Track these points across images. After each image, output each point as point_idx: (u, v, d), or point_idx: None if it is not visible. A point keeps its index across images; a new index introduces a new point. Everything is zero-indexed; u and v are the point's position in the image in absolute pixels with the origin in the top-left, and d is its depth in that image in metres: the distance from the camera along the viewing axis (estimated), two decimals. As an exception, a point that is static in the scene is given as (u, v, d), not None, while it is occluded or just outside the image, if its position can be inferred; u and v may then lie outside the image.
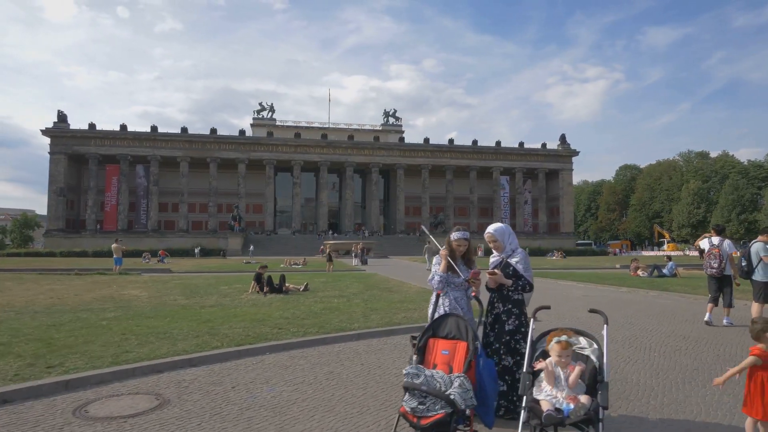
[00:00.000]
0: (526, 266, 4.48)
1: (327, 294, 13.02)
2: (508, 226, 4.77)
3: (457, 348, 3.61)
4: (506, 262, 4.53)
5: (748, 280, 9.05)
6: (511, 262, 4.49)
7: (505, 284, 4.43)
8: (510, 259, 4.51)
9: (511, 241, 4.59)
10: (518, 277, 4.45)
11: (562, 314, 10.50)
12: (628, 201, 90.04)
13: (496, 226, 4.63)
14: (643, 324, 9.38)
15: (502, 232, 4.60)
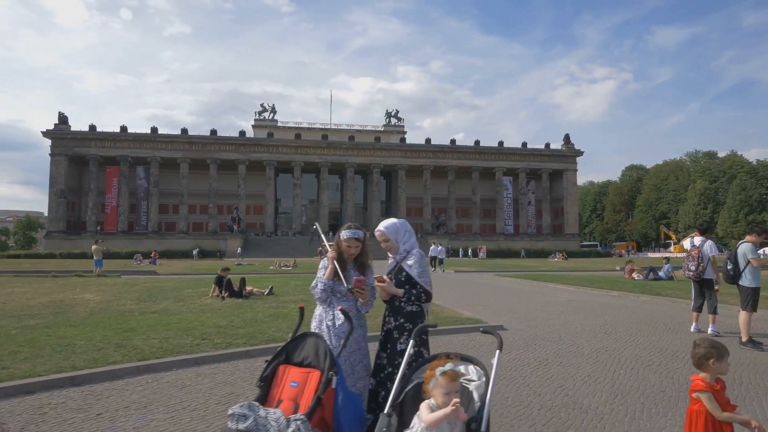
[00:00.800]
0: (422, 270, 3.64)
1: (290, 298, 12.23)
2: (405, 222, 3.90)
3: (310, 379, 2.79)
4: (399, 266, 3.70)
5: (735, 285, 8.14)
6: (404, 267, 3.66)
7: (396, 294, 3.60)
8: (404, 262, 3.68)
9: (405, 240, 3.75)
10: (413, 284, 3.61)
11: (535, 321, 9.63)
12: (634, 202, 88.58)
13: (388, 222, 3.80)
14: (619, 333, 8.50)
15: (395, 230, 3.75)
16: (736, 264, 8.04)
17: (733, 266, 8.05)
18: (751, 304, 7.87)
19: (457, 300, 13.34)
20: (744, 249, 8.01)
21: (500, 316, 10.31)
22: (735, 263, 8.04)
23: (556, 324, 9.35)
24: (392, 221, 3.81)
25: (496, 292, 16.04)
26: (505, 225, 76.93)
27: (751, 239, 8.07)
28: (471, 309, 11.21)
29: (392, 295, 3.61)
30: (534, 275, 23.51)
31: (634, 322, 9.72)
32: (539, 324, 9.35)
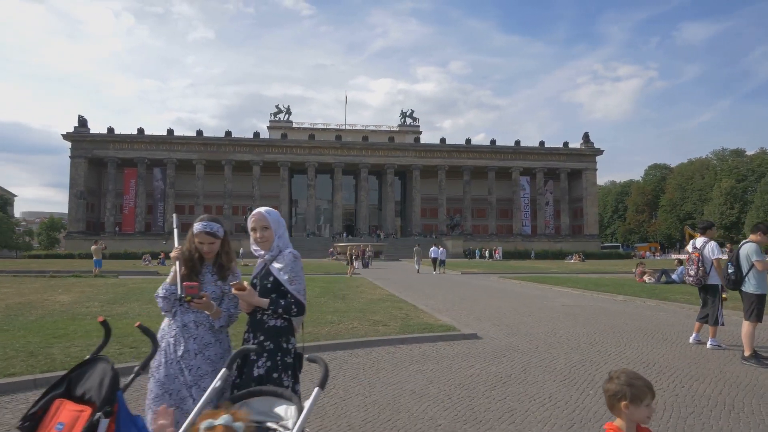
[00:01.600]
0: (294, 276, 2.89)
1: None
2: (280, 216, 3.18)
3: (79, 420, 2.09)
4: (267, 268, 2.97)
5: (738, 291, 7.19)
6: (272, 270, 2.92)
7: (259, 305, 2.86)
8: (273, 264, 2.94)
9: (281, 234, 3.03)
10: (281, 293, 2.87)
11: (517, 328, 8.79)
12: (657, 202, 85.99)
13: (270, 208, 3.06)
14: (606, 344, 7.62)
15: (278, 219, 3.03)
16: (738, 267, 7.09)
17: (735, 270, 7.10)
18: (755, 314, 6.91)
19: (444, 304, 12.56)
20: (747, 250, 7.06)
21: (481, 322, 9.51)
22: (737, 266, 7.10)
23: (539, 332, 8.51)
24: (275, 210, 3.08)
25: (492, 296, 15.17)
26: (522, 226, 75.43)
27: (756, 238, 7.11)
28: (453, 314, 10.42)
29: (256, 307, 2.87)
30: (541, 278, 22.50)
31: (627, 331, 8.81)
32: (520, 332, 8.52)
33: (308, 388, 2.29)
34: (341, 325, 8.16)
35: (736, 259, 7.13)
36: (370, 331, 7.74)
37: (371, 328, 7.93)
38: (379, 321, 8.62)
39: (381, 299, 12.46)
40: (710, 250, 7.62)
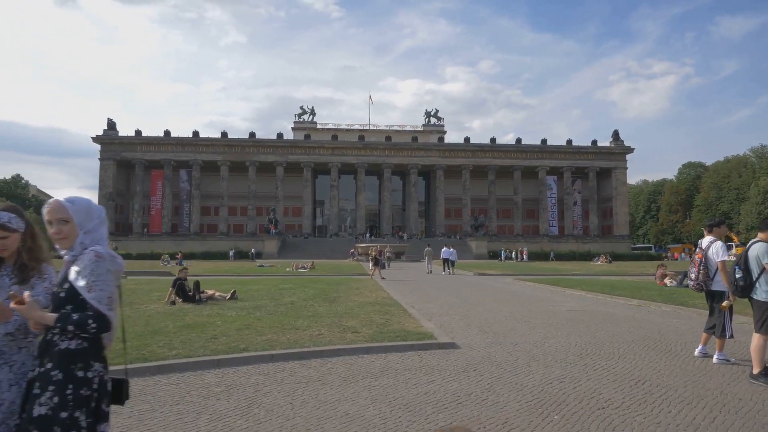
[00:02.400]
0: (96, 279, 2.24)
1: (251, 304, 11.13)
2: (102, 208, 2.57)
3: None
4: (66, 273, 2.38)
5: (747, 299, 6.31)
6: (69, 275, 2.33)
7: (45, 322, 2.26)
8: (72, 267, 2.33)
9: (91, 229, 2.38)
10: (78, 303, 2.26)
11: (504, 336, 8.05)
12: (692, 201, 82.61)
13: (77, 197, 2.43)
14: (598, 356, 6.83)
15: (85, 209, 2.38)
16: (747, 271, 6.21)
17: (744, 274, 6.22)
18: (766, 325, 6.03)
19: (439, 308, 11.87)
20: (757, 251, 6.16)
21: (469, 329, 8.80)
22: (746, 270, 6.22)
23: (528, 341, 7.76)
24: (85, 198, 2.46)
25: (496, 299, 14.38)
26: (549, 226, 73.61)
27: (766, 237, 6.22)
28: (442, 320, 9.75)
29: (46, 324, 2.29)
30: (557, 280, 21.49)
31: (628, 341, 7.97)
32: (506, 341, 7.79)
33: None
34: (307, 331, 7.60)
35: (745, 261, 6.25)
36: (336, 338, 7.15)
37: (338, 336, 7.34)
38: (351, 327, 8.02)
39: (372, 303, 11.85)
40: (715, 252, 6.74)
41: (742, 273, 6.23)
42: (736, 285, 6.27)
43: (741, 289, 6.27)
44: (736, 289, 6.31)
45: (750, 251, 6.27)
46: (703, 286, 6.76)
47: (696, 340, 7.96)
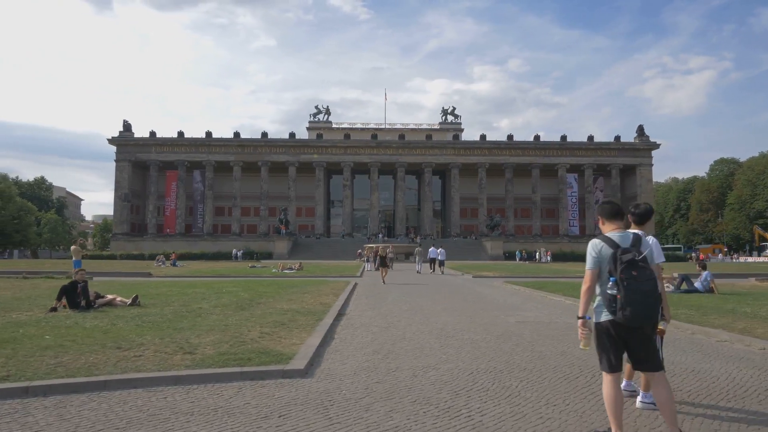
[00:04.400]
0: None
1: (153, 311, 9.80)
2: None
3: None
4: None
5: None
6: None
7: None
8: None
9: None
10: None
11: (388, 360, 6.48)
12: (724, 199, 78.23)
13: None
14: (483, 393, 5.20)
15: None
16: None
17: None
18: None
19: (370, 318, 10.34)
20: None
21: (361, 349, 7.26)
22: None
23: (414, 367, 6.18)
24: None
25: (447, 307, 12.75)
26: (569, 226, 70.81)
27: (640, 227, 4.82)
28: (343, 335, 8.26)
29: None
30: (544, 283, 19.59)
31: (549, 368, 6.29)
32: (387, 366, 6.21)
33: None
34: (131, 351, 6.18)
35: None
36: (152, 362, 5.72)
37: (161, 358, 5.90)
38: (197, 345, 6.59)
39: (292, 311, 10.38)
40: (654, 249, 4.96)
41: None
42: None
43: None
44: None
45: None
46: None
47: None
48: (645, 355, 3.90)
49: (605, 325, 3.86)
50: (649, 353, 3.92)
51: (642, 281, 3.68)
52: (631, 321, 3.67)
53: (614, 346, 3.87)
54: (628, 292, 3.63)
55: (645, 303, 3.67)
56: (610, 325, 3.82)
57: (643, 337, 3.86)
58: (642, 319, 3.69)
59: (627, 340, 3.87)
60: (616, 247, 3.82)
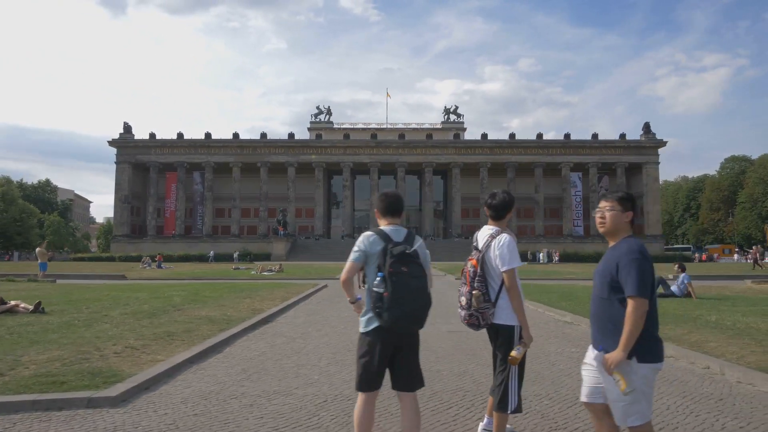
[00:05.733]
0: None
1: (53, 319, 8.94)
2: None
3: None
4: None
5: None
6: None
7: None
8: None
9: None
10: None
11: (229, 383, 5.52)
12: (735, 198, 75.98)
13: None
14: (296, 426, 4.22)
15: None
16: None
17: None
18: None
19: (297, 326, 9.39)
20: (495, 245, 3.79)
21: (229, 368, 6.30)
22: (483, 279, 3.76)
23: (273, 390, 5.21)
24: None
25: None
26: (573, 226, 69.21)
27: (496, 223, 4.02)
28: (232, 352, 7.28)
29: None
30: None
31: (431, 394, 5.28)
32: (241, 392, 5.26)
33: None
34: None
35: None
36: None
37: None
38: (27, 363, 5.69)
39: (200, 319, 9.45)
40: (499, 254, 3.91)
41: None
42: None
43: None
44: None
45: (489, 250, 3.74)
46: (479, 319, 3.80)
47: (551, 393, 5.22)
48: (408, 371, 3.39)
49: (372, 335, 3.34)
50: (412, 368, 3.43)
51: (412, 278, 3.22)
52: (398, 322, 3.19)
53: (379, 359, 3.33)
54: (397, 289, 3.16)
55: (415, 302, 3.22)
56: (378, 334, 3.31)
57: (411, 348, 3.42)
58: (411, 320, 3.24)
59: (395, 353, 3.37)
60: (388, 241, 3.35)
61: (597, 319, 3.00)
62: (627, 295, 2.78)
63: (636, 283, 2.76)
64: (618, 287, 2.85)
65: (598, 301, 2.99)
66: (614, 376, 2.77)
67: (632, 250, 2.90)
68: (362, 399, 3.39)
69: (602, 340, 2.93)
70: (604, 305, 2.94)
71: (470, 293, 3.78)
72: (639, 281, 2.76)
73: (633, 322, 2.73)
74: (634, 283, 2.76)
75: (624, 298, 2.81)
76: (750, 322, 8.98)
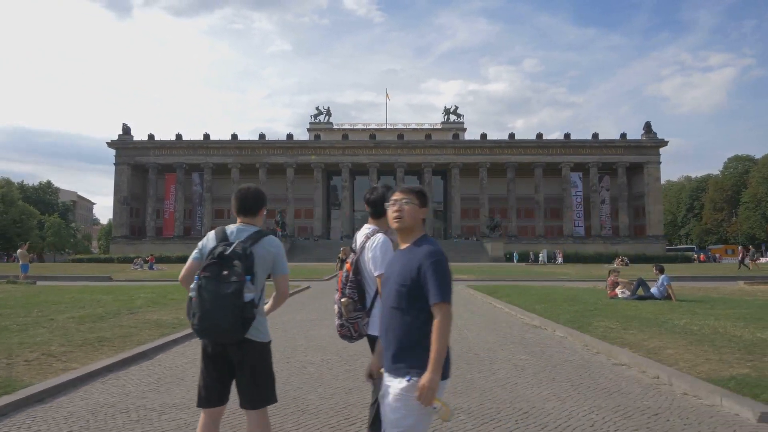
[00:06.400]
0: None
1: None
2: None
3: None
4: None
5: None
6: None
7: None
8: None
9: None
10: None
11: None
12: (738, 198, 75.03)
13: None
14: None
15: None
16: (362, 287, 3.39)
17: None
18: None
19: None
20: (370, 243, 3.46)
21: (142, 376, 5.94)
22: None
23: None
24: None
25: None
26: (574, 226, 68.51)
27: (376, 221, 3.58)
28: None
29: None
30: (497, 287, 18.04)
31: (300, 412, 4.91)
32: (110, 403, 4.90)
33: None
34: None
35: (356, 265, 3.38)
36: None
37: None
38: None
39: (149, 323, 9.13)
40: (373, 256, 3.43)
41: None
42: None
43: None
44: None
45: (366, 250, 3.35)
46: (351, 330, 3.39)
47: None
48: (244, 386, 3.07)
49: (203, 343, 3.09)
50: (249, 383, 3.05)
51: (223, 282, 2.88)
52: (201, 331, 2.93)
53: (207, 371, 3.08)
54: (201, 293, 2.88)
55: (217, 310, 2.85)
56: (201, 344, 3.10)
57: (245, 361, 3.04)
58: (211, 330, 2.90)
59: (228, 365, 3.05)
60: (224, 240, 3.09)
61: (394, 336, 2.45)
62: (434, 302, 2.34)
63: (444, 288, 2.35)
64: (420, 295, 2.38)
65: (393, 313, 2.46)
66: (435, 404, 2.28)
67: (435, 251, 2.46)
68: (201, 417, 3.10)
69: (404, 362, 2.39)
70: (403, 318, 2.42)
71: (340, 300, 3.42)
72: (446, 285, 2.37)
73: (444, 333, 2.32)
74: (441, 288, 2.34)
75: (427, 307, 2.38)
76: (718, 327, 8.54)
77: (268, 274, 3.20)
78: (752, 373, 5.53)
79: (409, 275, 2.42)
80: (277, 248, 3.24)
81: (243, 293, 2.90)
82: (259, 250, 3.08)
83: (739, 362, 6.04)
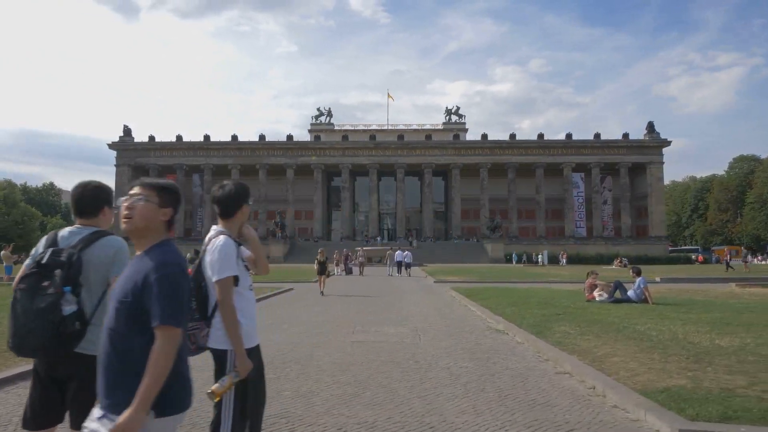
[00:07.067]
0: None
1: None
2: None
3: None
4: None
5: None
6: None
7: None
8: None
9: None
10: None
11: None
12: (743, 198, 74.07)
13: None
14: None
15: None
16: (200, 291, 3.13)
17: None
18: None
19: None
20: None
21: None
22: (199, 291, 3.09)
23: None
24: None
25: (332, 317, 11.12)
26: (575, 227, 67.91)
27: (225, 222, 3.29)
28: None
29: None
30: (480, 289, 17.66)
31: None
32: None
33: None
34: None
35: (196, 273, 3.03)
36: None
37: None
38: None
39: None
40: (210, 259, 3.12)
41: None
42: None
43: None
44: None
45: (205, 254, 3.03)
46: (200, 342, 3.08)
47: None
48: (69, 404, 2.77)
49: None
50: (72, 401, 2.76)
51: (39, 296, 2.59)
52: (15, 349, 2.67)
53: (33, 389, 2.82)
54: (15, 307, 2.63)
55: (30, 326, 2.58)
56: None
57: (69, 377, 2.76)
58: (26, 348, 2.66)
59: (58, 381, 2.78)
60: (53, 245, 2.81)
61: (108, 363, 2.05)
62: (155, 324, 1.98)
63: (171, 308, 1.99)
64: (141, 315, 2.01)
65: (112, 336, 2.06)
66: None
67: (167, 262, 2.09)
68: None
69: (112, 395, 2.01)
70: (121, 342, 2.03)
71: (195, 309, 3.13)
72: (174, 304, 2.01)
73: (163, 362, 1.94)
74: (167, 308, 1.99)
75: (150, 329, 2.00)
76: (679, 332, 8.18)
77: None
78: (688, 384, 5.18)
79: (131, 290, 2.05)
80: (118, 248, 2.92)
81: (60, 307, 2.61)
82: (94, 252, 2.79)
83: (680, 372, 5.69)
